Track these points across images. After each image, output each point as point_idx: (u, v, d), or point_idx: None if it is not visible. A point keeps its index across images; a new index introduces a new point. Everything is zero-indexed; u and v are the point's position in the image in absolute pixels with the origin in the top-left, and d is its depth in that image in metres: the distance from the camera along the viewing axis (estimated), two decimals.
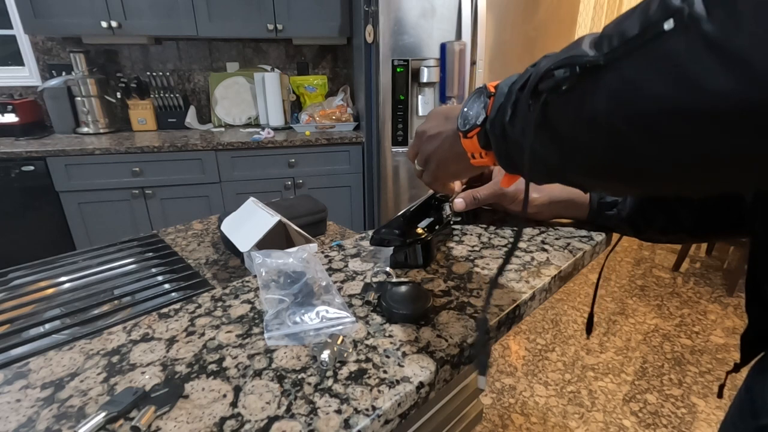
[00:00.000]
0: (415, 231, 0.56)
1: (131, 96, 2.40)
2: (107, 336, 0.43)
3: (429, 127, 0.48)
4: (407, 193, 2.22)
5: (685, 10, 0.21)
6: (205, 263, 0.82)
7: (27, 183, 1.97)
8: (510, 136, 0.34)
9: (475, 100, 0.39)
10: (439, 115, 0.48)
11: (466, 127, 0.39)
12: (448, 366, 0.39)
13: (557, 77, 0.28)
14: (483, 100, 0.38)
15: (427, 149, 0.48)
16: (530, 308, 0.50)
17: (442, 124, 0.46)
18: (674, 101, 0.22)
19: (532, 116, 0.31)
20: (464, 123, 0.40)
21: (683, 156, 0.23)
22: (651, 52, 0.23)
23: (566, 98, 0.28)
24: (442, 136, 0.46)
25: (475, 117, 0.38)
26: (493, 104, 0.36)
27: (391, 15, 1.88)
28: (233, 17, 2.22)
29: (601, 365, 1.86)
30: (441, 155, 0.47)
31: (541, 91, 0.29)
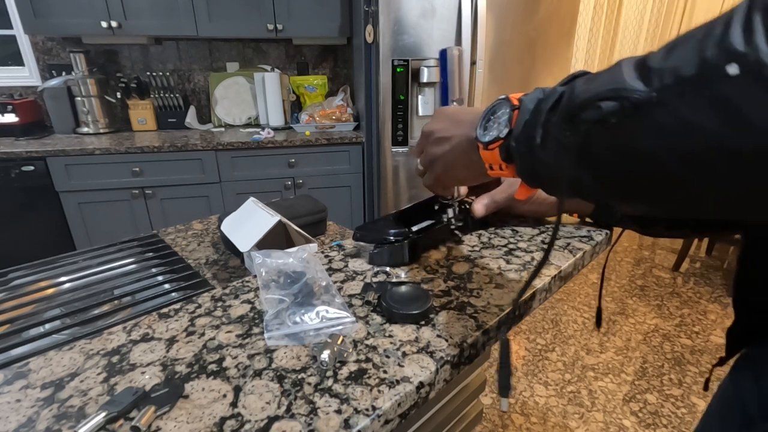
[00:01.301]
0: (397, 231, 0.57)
1: (131, 96, 2.40)
2: (107, 336, 0.43)
3: (437, 129, 0.47)
4: (407, 193, 2.22)
5: (750, 56, 0.21)
6: (205, 263, 0.82)
7: (27, 183, 1.97)
8: (539, 155, 0.34)
9: (500, 113, 0.38)
10: (447, 117, 0.47)
11: (486, 138, 0.38)
12: (448, 366, 0.39)
13: (604, 110, 0.27)
14: (506, 113, 0.37)
15: (434, 152, 0.47)
16: (530, 308, 0.50)
17: (451, 127, 0.45)
18: (732, 142, 0.22)
19: (571, 144, 0.30)
20: (484, 133, 0.39)
21: (734, 190, 0.24)
22: (710, 94, 0.22)
23: (612, 131, 0.27)
24: (452, 141, 0.45)
25: (498, 130, 0.37)
26: (518, 119, 0.35)
27: (391, 15, 1.88)
28: (233, 17, 2.22)
29: (601, 365, 1.86)
30: (449, 160, 0.46)
31: (583, 120, 0.29)
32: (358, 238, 0.58)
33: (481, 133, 0.39)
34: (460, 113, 0.46)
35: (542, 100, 0.33)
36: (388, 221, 0.59)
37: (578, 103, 0.29)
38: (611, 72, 0.28)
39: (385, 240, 0.56)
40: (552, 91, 0.33)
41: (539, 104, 0.33)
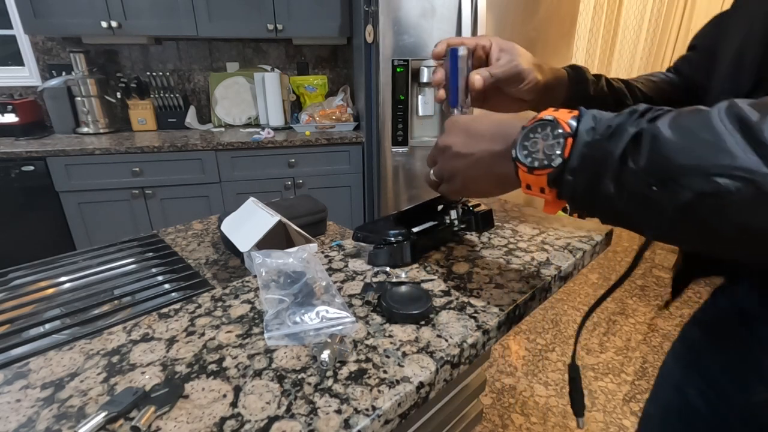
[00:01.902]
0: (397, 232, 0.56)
1: (131, 96, 2.40)
2: (107, 336, 0.43)
3: (453, 143, 0.45)
4: (407, 193, 2.22)
5: None
6: (205, 263, 0.82)
7: (27, 183, 1.97)
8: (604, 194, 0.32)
9: (542, 135, 0.35)
10: (462, 131, 0.45)
11: (533, 163, 0.36)
12: (448, 366, 0.39)
13: (723, 187, 0.26)
14: (558, 141, 0.34)
15: (452, 166, 0.46)
16: (530, 308, 0.50)
17: (469, 142, 0.43)
18: None
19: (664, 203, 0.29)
20: (529, 157, 0.36)
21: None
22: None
23: (730, 208, 0.27)
24: (473, 157, 0.43)
25: (547, 157, 0.35)
26: (574, 150, 0.33)
27: (391, 15, 1.88)
28: (233, 17, 2.22)
29: (601, 365, 1.86)
30: (471, 176, 0.44)
31: (685, 187, 0.28)
32: (358, 238, 0.58)
33: (523, 155, 0.37)
34: (475, 125, 0.44)
35: (607, 139, 0.31)
36: (389, 222, 0.59)
37: (678, 167, 0.28)
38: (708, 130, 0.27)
39: (385, 240, 0.56)
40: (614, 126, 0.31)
41: (603, 143, 0.32)
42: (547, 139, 0.35)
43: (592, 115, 0.33)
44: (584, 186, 0.34)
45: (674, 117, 0.29)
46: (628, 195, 0.31)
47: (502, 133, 0.41)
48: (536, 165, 0.36)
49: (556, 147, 0.34)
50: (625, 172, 0.31)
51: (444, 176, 0.47)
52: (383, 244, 0.56)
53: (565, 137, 0.34)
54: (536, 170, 0.36)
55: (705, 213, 0.28)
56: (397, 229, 0.57)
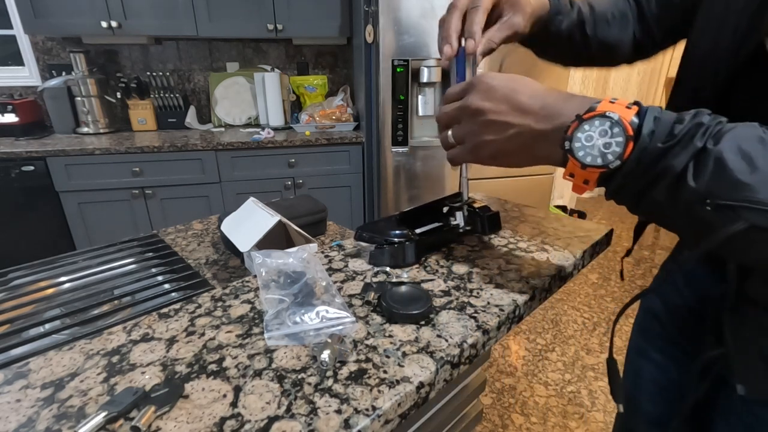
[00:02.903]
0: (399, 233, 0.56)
1: (131, 96, 2.40)
2: (107, 336, 0.43)
3: (489, 109, 0.40)
4: (407, 193, 2.22)
5: None
6: (205, 263, 0.82)
7: (27, 183, 1.97)
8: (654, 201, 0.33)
9: (600, 131, 0.34)
10: (504, 98, 0.40)
11: (586, 160, 0.34)
12: (448, 366, 0.39)
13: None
14: (617, 141, 0.33)
15: (482, 134, 0.41)
16: (530, 308, 0.50)
17: (511, 113, 0.39)
18: None
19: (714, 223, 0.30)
20: (583, 153, 0.34)
21: None
22: None
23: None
24: (511, 130, 0.39)
25: (603, 156, 0.34)
26: (633, 155, 0.32)
27: (391, 15, 1.88)
28: (233, 17, 2.22)
29: (601, 365, 1.86)
30: (504, 149, 0.41)
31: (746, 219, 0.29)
32: (361, 238, 0.58)
33: (577, 147, 0.35)
34: (518, 95, 0.39)
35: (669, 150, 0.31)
36: (391, 222, 0.59)
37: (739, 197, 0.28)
38: None
39: (386, 241, 0.56)
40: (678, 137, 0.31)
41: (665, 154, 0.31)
42: (605, 136, 0.33)
43: (654, 116, 0.32)
44: (635, 190, 0.34)
45: (740, 141, 0.29)
46: (678, 206, 0.31)
47: (550, 111, 0.37)
48: (589, 162, 0.34)
49: (615, 147, 0.33)
50: (682, 187, 0.31)
51: (466, 140, 0.43)
52: (385, 245, 0.56)
53: (626, 140, 0.32)
54: (589, 167, 0.34)
55: (755, 242, 0.29)
56: (400, 229, 0.57)
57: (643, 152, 0.32)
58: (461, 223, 0.59)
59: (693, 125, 0.31)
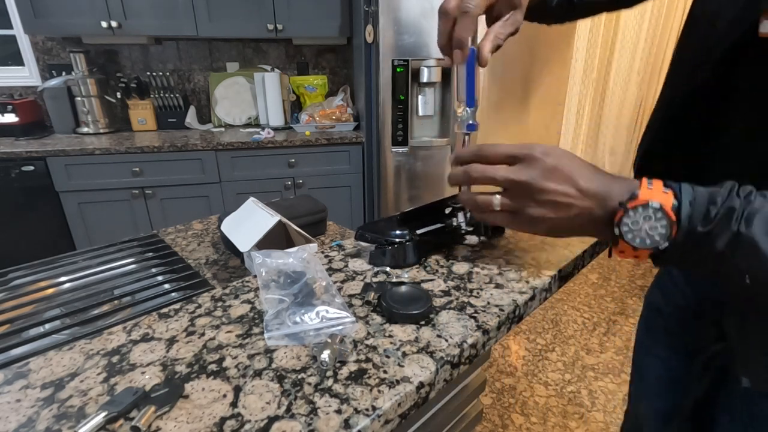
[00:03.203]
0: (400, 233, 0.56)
1: (131, 96, 2.40)
2: (107, 336, 0.43)
3: (551, 189, 0.41)
4: (407, 193, 2.22)
5: None
6: (205, 263, 0.82)
7: (27, 183, 1.97)
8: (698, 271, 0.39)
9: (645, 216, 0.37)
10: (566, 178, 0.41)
11: (635, 242, 0.38)
12: (448, 366, 0.39)
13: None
14: (662, 224, 0.36)
15: (541, 212, 0.43)
16: (530, 308, 0.50)
17: (573, 194, 0.41)
18: None
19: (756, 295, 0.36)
20: (631, 235, 0.38)
21: None
22: None
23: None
24: (571, 211, 0.41)
25: (650, 238, 0.37)
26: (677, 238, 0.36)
27: (391, 15, 1.88)
28: (233, 17, 2.22)
29: (601, 365, 1.86)
30: (561, 228, 0.43)
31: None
32: (360, 238, 0.58)
33: (625, 231, 0.38)
34: (579, 176, 0.41)
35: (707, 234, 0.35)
36: (392, 222, 0.59)
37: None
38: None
39: (386, 241, 0.56)
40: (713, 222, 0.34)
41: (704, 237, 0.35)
42: (650, 220, 0.37)
43: (689, 200, 0.36)
44: (682, 262, 0.39)
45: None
46: (723, 273, 0.36)
47: (602, 196, 0.40)
48: (638, 244, 0.38)
49: (661, 229, 0.37)
50: (723, 263, 0.35)
51: (519, 212, 0.44)
52: (385, 245, 0.55)
53: (670, 225, 0.36)
54: (639, 248, 0.38)
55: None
56: (401, 229, 0.57)
57: (686, 234, 0.36)
58: (463, 224, 0.58)
59: (726, 209, 0.34)
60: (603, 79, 3.55)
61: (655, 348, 0.63)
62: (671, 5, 3.17)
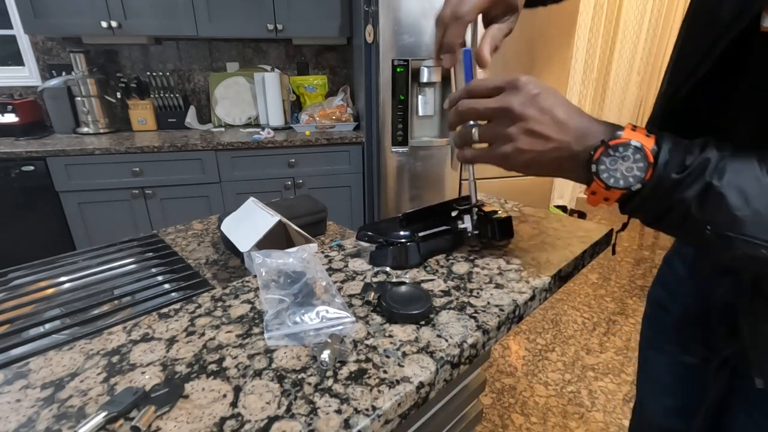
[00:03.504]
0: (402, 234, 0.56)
1: (131, 96, 2.40)
2: (107, 336, 0.43)
3: (533, 117, 0.40)
4: (408, 193, 2.22)
5: None
6: (205, 263, 0.82)
7: (27, 183, 1.97)
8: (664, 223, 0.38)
9: (623, 156, 0.37)
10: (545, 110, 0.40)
11: (609, 182, 0.38)
12: (448, 366, 0.39)
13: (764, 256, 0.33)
14: (638, 165, 0.37)
15: (519, 141, 0.41)
16: (530, 308, 0.50)
17: (552, 127, 0.40)
18: None
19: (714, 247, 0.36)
20: (607, 175, 0.38)
21: None
22: None
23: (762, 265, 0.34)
24: (549, 144, 0.40)
25: (624, 179, 0.37)
26: (650, 181, 0.36)
27: (391, 15, 1.88)
28: (233, 17, 2.22)
29: (601, 365, 1.86)
30: (539, 161, 0.42)
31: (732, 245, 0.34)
32: (362, 238, 0.57)
33: (602, 169, 0.38)
34: (559, 108, 0.41)
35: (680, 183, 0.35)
36: (395, 222, 0.58)
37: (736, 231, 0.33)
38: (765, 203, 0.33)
39: (387, 242, 0.55)
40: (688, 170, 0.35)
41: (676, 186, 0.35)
42: (628, 161, 0.37)
43: (668, 147, 0.36)
44: (649, 210, 0.38)
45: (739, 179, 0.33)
46: (687, 227, 0.37)
47: (582, 132, 0.40)
48: (612, 183, 0.38)
49: (636, 171, 0.37)
50: (688, 213, 0.36)
51: (497, 142, 0.43)
52: (386, 245, 0.55)
53: (647, 166, 0.36)
54: (612, 188, 0.38)
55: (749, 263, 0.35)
56: (404, 230, 0.56)
57: (659, 179, 0.36)
58: (469, 227, 0.57)
59: (702, 159, 0.35)
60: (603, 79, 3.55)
61: (663, 345, 0.63)
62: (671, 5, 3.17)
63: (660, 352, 0.63)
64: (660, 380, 0.64)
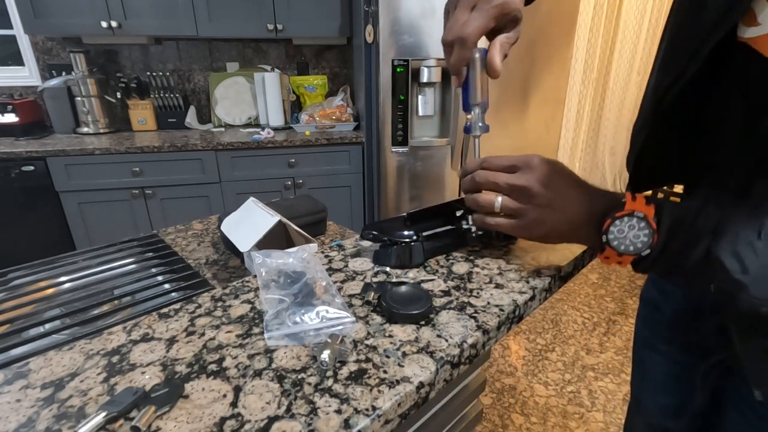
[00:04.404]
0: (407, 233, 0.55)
1: (131, 96, 2.40)
2: (107, 336, 0.43)
3: (544, 194, 0.46)
4: (407, 193, 2.22)
5: None
6: (205, 263, 0.82)
7: (27, 183, 1.97)
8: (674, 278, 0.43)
9: (630, 225, 0.41)
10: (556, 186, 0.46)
11: (620, 248, 0.42)
12: (448, 366, 0.39)
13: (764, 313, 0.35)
14: (645, 233, 0.40)
15: (539, 216, 0.47)
16: (530, 308, 0.50)
17: (562, 200, 0.46)
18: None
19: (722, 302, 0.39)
20: (617, 242, 0.42)
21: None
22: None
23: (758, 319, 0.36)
24: (564, 216, 0.46)
25: (634, 245, 0.41)
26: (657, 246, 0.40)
27: (391, 15, 1.88)
28: (233, 17, 2.22)
29: (601, 365, 1.86)
30: (556, 232, 0.47)
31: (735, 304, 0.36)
32: (367, 237, 0.57)
33: (612, 238, 0.42)
34: (571, 186, 0.47)
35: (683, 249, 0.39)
36: (398, 222, 0.58)
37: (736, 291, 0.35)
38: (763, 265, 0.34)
39: (391, 241, 0.55)
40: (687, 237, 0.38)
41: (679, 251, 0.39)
42: (634, 229, 0.41)
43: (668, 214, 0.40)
44: (660, 269, 0.42)
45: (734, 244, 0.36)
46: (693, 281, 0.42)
47: (592, 204, 0.45)
48: (623, 250, 0.42)
49: (644, 238, 0.41)
50: (695, 273, 0.39)
51: (519, 216, 0.48)
52: (390, 244, 0.55)
53: (652, 234, 0.40)
54: (624, 254, 0.42)
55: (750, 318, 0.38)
56: (407, 229, 0.56)
57: (665, 244, 0.40)
58: (474, 227, 0.56)
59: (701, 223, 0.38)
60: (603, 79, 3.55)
61: (657, 344, 0.63)
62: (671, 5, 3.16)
63: (654, 352, 0.64)
64: (654, 379, 0.64)
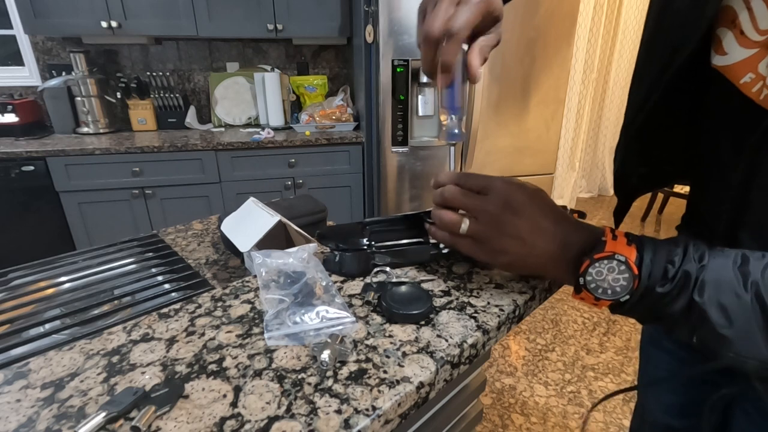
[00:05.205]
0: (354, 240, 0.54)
1: (131, 96, 2.40)
2: (107, 336, 0.43)
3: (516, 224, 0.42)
4: (407, 193, 2.22)
5: None
6: (205, 263, 0.82)
7: (27, 183, 1.97)
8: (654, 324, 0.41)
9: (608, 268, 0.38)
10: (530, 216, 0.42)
11: (597, 292, 0.38)
12: (448, 366, 0.39)
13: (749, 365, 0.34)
14: (624, 276, 0.37)
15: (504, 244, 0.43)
16: (530, 308, 0.50)
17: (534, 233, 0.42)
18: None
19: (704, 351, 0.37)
20: (594, 285, 0.38)
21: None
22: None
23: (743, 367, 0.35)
24: (534, 250, 0.42)
25: (612, 289, 0.38)
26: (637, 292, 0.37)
27: (391, 15, 1.88)
28: (233, 17, 2.22)
29: (601, 365, 1.86)
30: (523, 263, 0.44)
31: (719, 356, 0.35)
32: (320, 237, 0.56)
33: (589, 280, 0.38)
34: (545, 217, 0.42)
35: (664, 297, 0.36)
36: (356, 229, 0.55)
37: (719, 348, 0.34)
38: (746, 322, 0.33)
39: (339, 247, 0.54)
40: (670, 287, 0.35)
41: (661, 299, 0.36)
42: (613, 272, 0.37)
43: (650, 257, 0.36)
44: (639, 316, 0.40)
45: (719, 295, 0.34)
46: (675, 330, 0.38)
47: (567, 241, 0.41)
48: (600, 294, 0.38)
49: (623, 282, 0.37)
50: (677, 321, 0.37)
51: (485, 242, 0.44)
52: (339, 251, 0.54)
53: (632, 278, 0.37)
54: (601, 299, 0.38)
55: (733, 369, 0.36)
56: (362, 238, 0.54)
57: (645, 291, 0.36)
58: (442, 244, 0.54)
59: (683, 273, 0.35)
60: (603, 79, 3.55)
61: (663, 341, 0.63)
62: None
63: (660, 349, 0.64)
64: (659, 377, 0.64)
